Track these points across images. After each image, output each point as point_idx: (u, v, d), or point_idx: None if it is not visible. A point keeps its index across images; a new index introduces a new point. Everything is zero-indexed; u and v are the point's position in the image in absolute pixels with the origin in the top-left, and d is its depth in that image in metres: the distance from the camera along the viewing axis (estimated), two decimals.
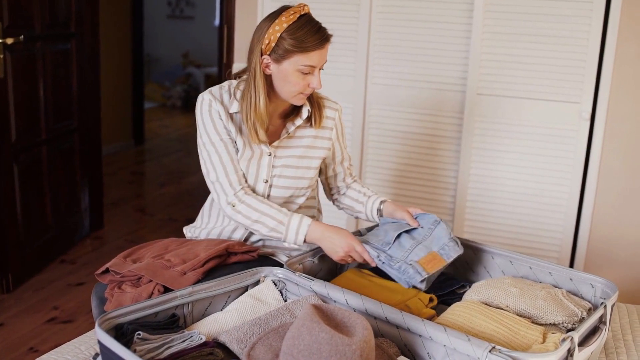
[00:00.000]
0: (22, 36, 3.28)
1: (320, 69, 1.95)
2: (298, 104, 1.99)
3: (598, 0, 2.85)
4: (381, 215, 2.12)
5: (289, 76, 1.91)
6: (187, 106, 9.48)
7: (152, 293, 1.76)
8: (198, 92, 9.52)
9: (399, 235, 1.95)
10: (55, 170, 3.74)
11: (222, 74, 4.85)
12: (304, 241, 1.93)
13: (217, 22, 9.50)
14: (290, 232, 1.92)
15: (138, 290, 1.78)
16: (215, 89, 2.03)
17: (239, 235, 2.09)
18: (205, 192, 2.15)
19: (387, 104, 3.25)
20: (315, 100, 2.07)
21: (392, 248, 1.90)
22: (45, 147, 3.63)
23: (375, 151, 3.31)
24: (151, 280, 1.79)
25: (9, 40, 3.17)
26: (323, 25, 1.93)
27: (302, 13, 1.91)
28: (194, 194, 5.28)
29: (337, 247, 1.90)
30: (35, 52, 3.47)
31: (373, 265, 1.90)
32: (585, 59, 2.92)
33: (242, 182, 1.99)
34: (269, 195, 2.05)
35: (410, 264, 1.83)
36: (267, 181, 2.03)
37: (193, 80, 9.72)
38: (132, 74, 6.59)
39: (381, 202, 2.13)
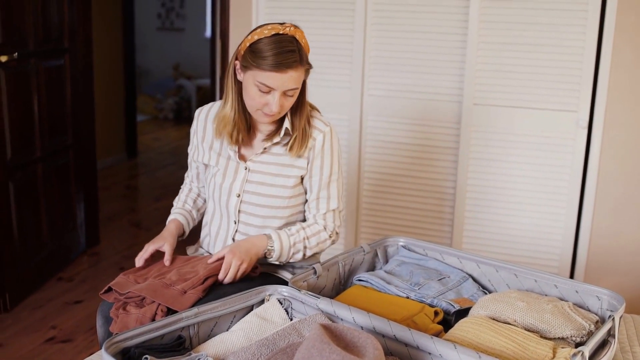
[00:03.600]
0: (16, 53, 3.26)
1: (286, 94, 1.90)
2: (261, 121, 1.99)
3: (592, 9, 2.86)
4: None
5: (248, 88, 1.91)
6: (179, 118, 9.45)
7: (156, 314, 1.75)
8: (190, 104, 9.52)
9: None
10: (50, 187, 3.72)
11: (215, 86, 4.84)
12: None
13: (207, 33, 9.49)
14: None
15: (142, 311, 1.76)
16: (209, 104, 2.14)
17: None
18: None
19: (383, 115, 3.25)
20: (302, 123, 2.00)
21: (421, 289, 1.92)
22: (41, 164, 3.61)
23: (373, 162, 3.30)
24: (154, 301, 1.78)
25: (3, 58, 3.16)
26: (309, 49, 1.94)
27: (280, 32, 1.88)
28: None
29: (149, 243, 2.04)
30: (29, 69, 3.45)
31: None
32: (581, 67, 2.93)
33: (193, 187, 2.28)
34: (240, 211, 2.05)
35: (443, 300, 1.85)
36: (239, 195, 2.04)
37: (184, 92, 9.68)
38: (124, 87, 6.57)
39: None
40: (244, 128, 2.02)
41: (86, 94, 4.11)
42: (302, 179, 2.07)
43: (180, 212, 2.20)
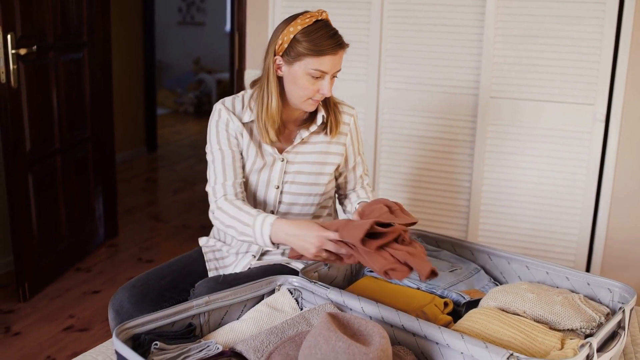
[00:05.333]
0: (35, 47, 3.30)
1: (333, 76, 1.94)
2: (307, 110, 1.99)
3: (611, 2, 2.84)
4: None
5: (299, 79, 1.90)
6: (199, 112, 9.49)
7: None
8: (210, 98, 9.55)
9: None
10: (69, 179, 3.76)
11: (233, 80, 4.86)
12: (273, 243, 1.81)
13: (227, 28, 9.52)
14: (257, 234, 1.82)
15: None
16: (229, 98, 2.06)
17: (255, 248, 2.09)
18: None
19: (399, 108, 3.25)
20: (331, 107, 2.06)
21: (432, 280, 1.92)
22: (60, 157, 3.65)
23: (389, 155, 3.30)
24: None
25: (22, 51, 3.19)
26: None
27: (319, 18, 1.91)
28: (207, 200, 5.26)
29: (308, 244, 1.70)
30: (48, 62, 3.49)
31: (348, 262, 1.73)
32: (599, 60, 2.90)
33: (229, 190, 1.96)
34: (280, 202, 2.05)
35: (453, 292, 1.85)
36: (278, 187, 2.04)
37: (205, 86, 9.73)
38: (144, 81, 6.61)
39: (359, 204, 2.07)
40: (281, 122, 2.02)
41: (105, 87, 4.15)
42: (338, 165, 2.12)
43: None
